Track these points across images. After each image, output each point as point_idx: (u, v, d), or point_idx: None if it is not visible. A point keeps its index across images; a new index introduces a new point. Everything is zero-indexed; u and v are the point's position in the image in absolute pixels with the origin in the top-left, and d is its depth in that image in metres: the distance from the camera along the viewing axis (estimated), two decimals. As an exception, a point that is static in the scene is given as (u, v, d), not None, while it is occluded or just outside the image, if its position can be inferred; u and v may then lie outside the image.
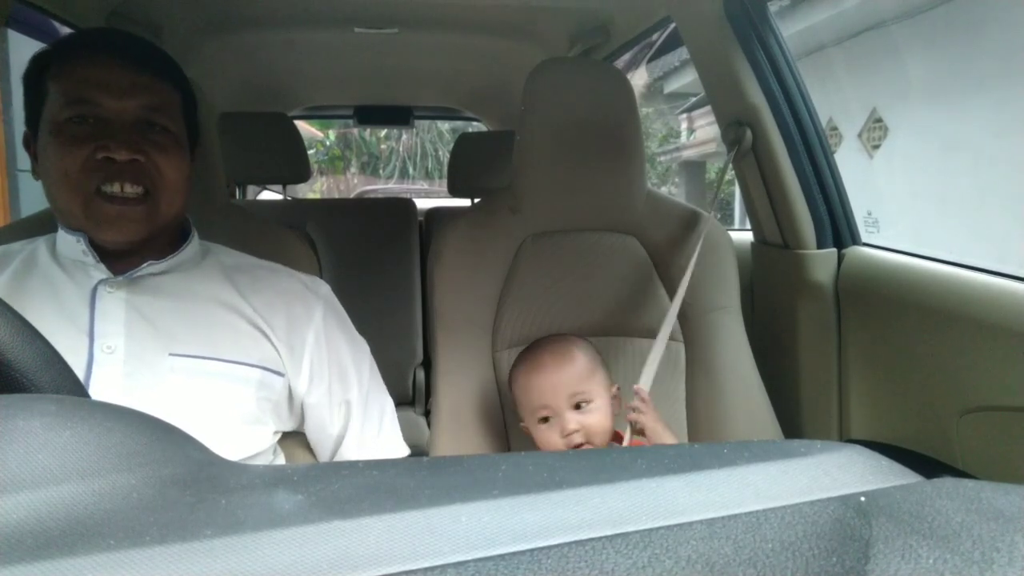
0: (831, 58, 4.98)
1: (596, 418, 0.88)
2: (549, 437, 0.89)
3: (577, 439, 0.87)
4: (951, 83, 4.02)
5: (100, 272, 0.74)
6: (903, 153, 4.63)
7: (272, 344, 0.80)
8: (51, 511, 0.21)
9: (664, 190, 8.24)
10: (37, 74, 0.74)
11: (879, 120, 4.94)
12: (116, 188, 0.71)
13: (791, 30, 4.66)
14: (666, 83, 7.30)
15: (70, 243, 0.75)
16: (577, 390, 0.89)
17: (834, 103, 5.23)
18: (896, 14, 4.33)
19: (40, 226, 0.85)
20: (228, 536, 0.19)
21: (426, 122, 7.80)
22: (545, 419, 0.90)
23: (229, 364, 0.76)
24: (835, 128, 5.38)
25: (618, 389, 0.93)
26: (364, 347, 0.91)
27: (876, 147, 4.98)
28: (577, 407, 0.88)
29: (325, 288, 0.88)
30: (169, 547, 0.19)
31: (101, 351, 0.71)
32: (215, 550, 0.19)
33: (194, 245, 0.83)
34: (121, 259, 0.76)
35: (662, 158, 9.24)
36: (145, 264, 0.76)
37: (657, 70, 7.17)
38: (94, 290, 0.73)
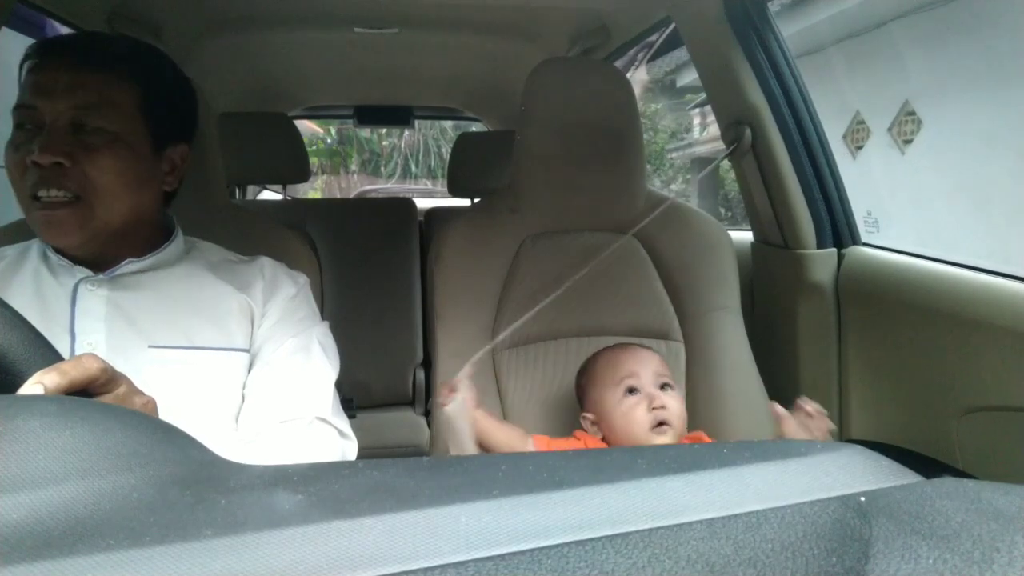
0: (858, 48, 4.64)
1: (678, 404, 0.90)
2: (634, 411, 0.89)
3: (663, 415, 0.88)
4: (992, 73, 3.71)
5: (80, 272, 0.75)
6: (939, 148, 4.23)
7: (253, 322, 0.81)
8: (51, 511, 0.21)
9: (675, 189, 7.94)
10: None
11: (912, 113, 4.53)
12: (44, 193, 0.69)
13: (817, 19, 4.41)
14: (678, 77, 7.12)
15: (49, 247, 0.76)
16: (662, 372, 0.93)
17: (861, 96, 4.87)
18: (928, 1, 4.02)
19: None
20: (228, 536, 0.19)
21: (431, 120, 7.79)
22: (630, 391, 0.90)
23: (212, 351, 0.76)
24: (862, 122, 5.03)
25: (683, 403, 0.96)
26: (323, 329, 0.86)
27: (908, 142, 4.58)
28: (662, 388, 0.91)
29: (304, 279, 0.88)
30: (169, 547, 0.19)
31: (82, 347, 0.71)
32: (215, 550, 0.19)
33: (178, 243, 0.83)
34: (99, 260, 0.76)
35: (674, 154, 8.68)
36: (124, 263, 0.76)
37: (670, 63, 6.91)
38: (75, 288, 0.74)
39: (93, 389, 0.46)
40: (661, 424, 0.88)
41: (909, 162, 4.57)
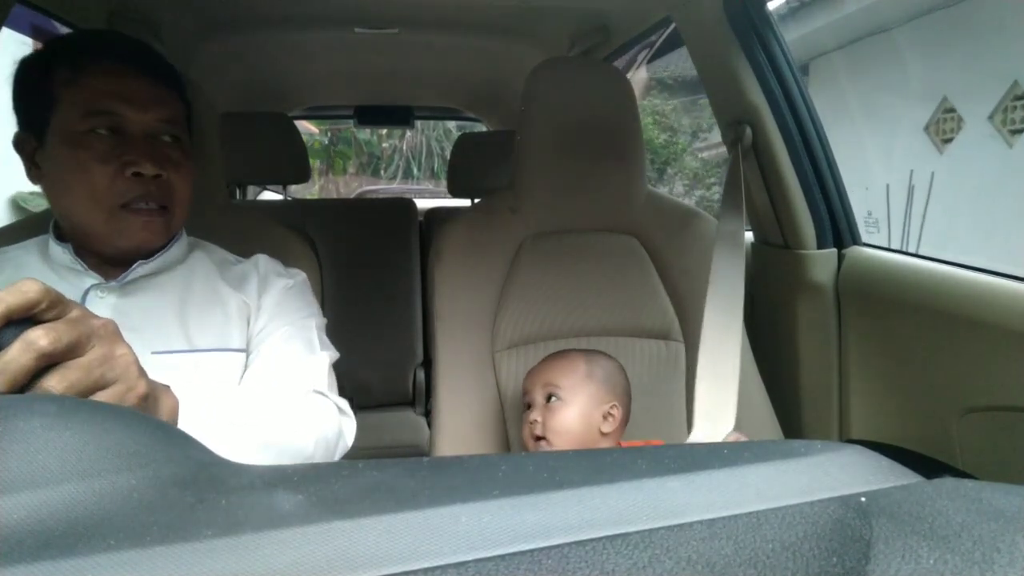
0: (946, 21, 3.94)
1: (558, 417, 0.86)
2: (524, 427, 0.90)
3: (536, 430, 0.86)
4: None
5: (92, 278, 0.75)
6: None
7: (249, 320, 0.81)
8: (52, 511, 0.21)
9: (697, 195, 7.54)
10: (40, 77, 0.73)
11: (1021, 97, 3.74)
12: (144, 205, 0.73)
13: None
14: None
15: (58, 251, 0.75)
16: (550, 381, 0.89)
17: (949, 78, 4.11)
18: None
19: (38, 228, 0.85)
20: (228, 536, 0.20)
21: (431, 120, 7.71)
22: (528, 407, 0.91)
23: (212, 353, 0.76)
24: (951, 110, 4.30)
25: (614, 408, 0.89)
26: (321, 323, 0.87)
27: (1018, 132, 3.84)
28: (547, 400, 0.88)
29: (301, 275, 0.89)
30: (169, 547, 0.19)
31: None
32: (215, 550, 0.19)
33: (182, 242, 0.83)
34: (113, 264, 0.76)
35: (704, 154, 8.01)
36: (136, 266, 0.76)
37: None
38: (84, 296, 0.73)
39: (38, 315, 0.41)
40: (537, 439, 0.86)
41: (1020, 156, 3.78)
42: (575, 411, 0.87)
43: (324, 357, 0.80)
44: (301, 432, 0.69)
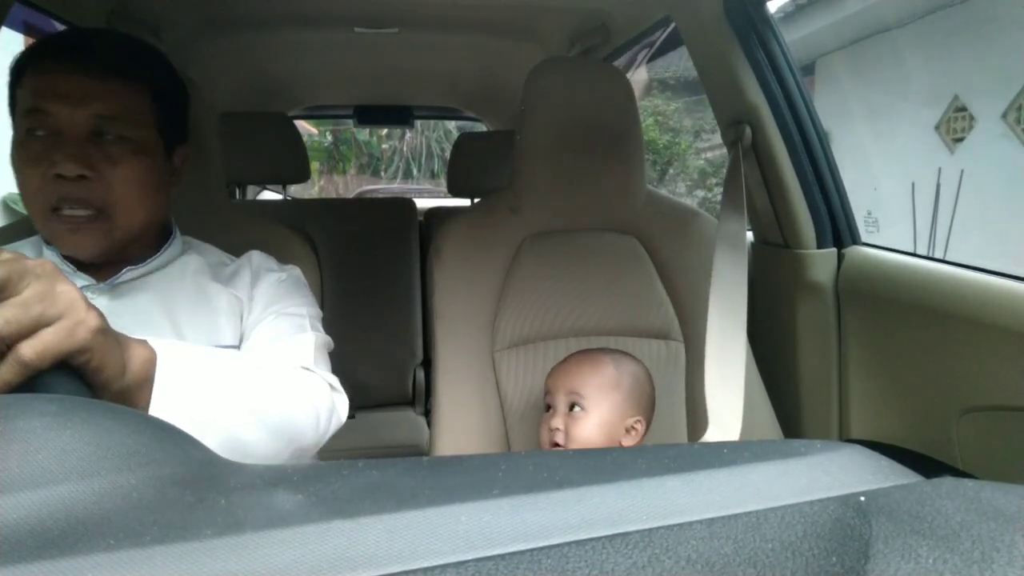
0: (961, 16, 3.87)
1: (580, 428, 0.85)
2: (541, 427, 0.89)
3: (558, 438, 0.85)
4: None
5: (82, 280, 0.74)
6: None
7: (242, 316, 0.80)
8: (51, 511, 0.21)
9: (699, 195, 7.40)
10: (12, 82, 0.72)
11: None
12: (68, 210, 0.69)
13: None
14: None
15: (49, 253, 0.75)
16: (575, 389, 0.86)
17: (960, 75, 4.02)
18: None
19: (31, 230, 0.85)
20: (228, 536, 0.20)
21: (432, 121, 7.62)
22: (548, 407, 0.90)
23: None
24: (962, 109, 4.19)
25: (638, 423, 0.88)
26: (316, 312, 0.86)
27: None
28: (571, 408, 0.86)
29: (296, 270, 0.88)
30: (169, 547, 0.19)
31: None
32: (215, 550, 0.19)
33: (176, 245, 0.82)
34: (102, 267, 0.75)
35: (708, 154, 7.80)
36: (125, 270, 0.75)
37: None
38: None
39: None
40: (555, 446, 0.85)
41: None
42: (597, 421, 0.85)
43: (311, 336, 0.78)
44: (290, 402, 0.66)
